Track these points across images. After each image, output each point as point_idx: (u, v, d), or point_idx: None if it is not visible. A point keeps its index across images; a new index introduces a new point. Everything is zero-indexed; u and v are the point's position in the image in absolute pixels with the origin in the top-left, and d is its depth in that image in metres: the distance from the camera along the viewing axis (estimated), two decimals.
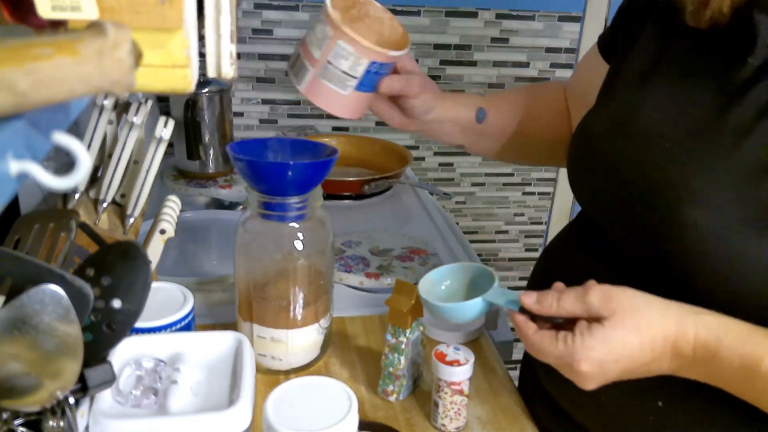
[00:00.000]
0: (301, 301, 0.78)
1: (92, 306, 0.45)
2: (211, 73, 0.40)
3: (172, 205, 0.82)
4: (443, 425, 0.73)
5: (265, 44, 1.64)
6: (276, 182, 0.73)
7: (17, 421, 0.46)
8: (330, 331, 0.84)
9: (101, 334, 0.51)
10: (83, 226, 0.61)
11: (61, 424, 0.47)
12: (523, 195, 1.92)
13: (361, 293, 1.00)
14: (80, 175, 0.28)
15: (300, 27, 1.63)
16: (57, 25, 0.31)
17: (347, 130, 1.76)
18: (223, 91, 1.38)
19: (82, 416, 0.51)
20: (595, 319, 0.55)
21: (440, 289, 0.69)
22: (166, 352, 0.63)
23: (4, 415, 0.46)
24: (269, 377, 0.79)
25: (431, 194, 1.42)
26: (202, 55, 0.40)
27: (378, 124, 1.77)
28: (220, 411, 0.56)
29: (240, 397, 0.56)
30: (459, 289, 0.69)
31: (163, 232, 0.78)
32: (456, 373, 0.70)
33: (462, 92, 0.81)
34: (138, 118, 0.79)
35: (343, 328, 0.90)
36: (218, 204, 1.31)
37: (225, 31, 0.39)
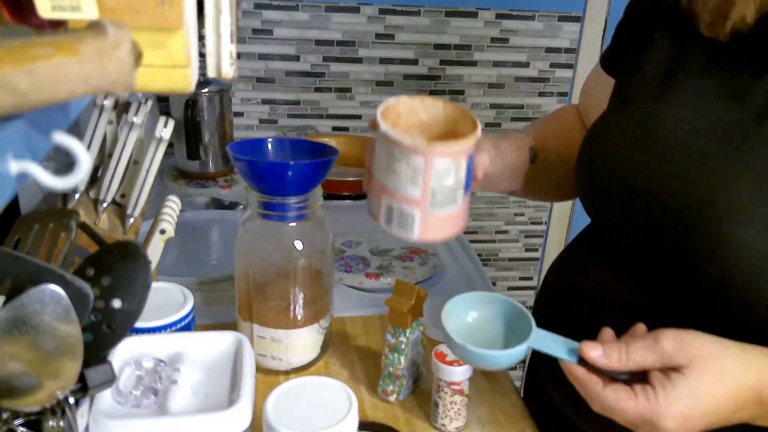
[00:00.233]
0: (301, 301, 0.78)
1: (92, 306, 0.45)
2: (211, 73, 0.40)
3: (172, 205, 0.82)
4: (443, 425, 0.73)
5: (265, 44, 1.64)
6: (276, 182, 0.73)
7: (17, 421, 0.46)
8: (330, 331, 0.84)
9: (101, 334, 0.51)
10: (83, 226, 0.61)
11: (61, 424, 0.47)
12: None
13: (361, 293, 1.00)
14: (80, 175, 0.28)
15: (300, 27, 1.63)
16: (57, 25, 0.31)
17: (347, 130, 1.76)
18: (223, 91, 1.38)
19: (82, 416, 0.51)
20: (671, 369, 0.51)
21: (466, 321, 0.60)
22: (166, 352, 0.63)
23: (4, 415, 0.46)
24: (269, 377, 0.79)
25: None
26: (202, 55, 0.40)
27: None
28: (220, 411, 0.56)
29: (240, 397, 0.56)
30: (487, 324, 0.60)
31: (163, 232, 0.78)
32: (456, 373, 0.70)
33: (506, 134, 0.74)
34: (138, 118, 0.79)
35: (343, 328, 0.90)
36: (218, 204, 1.31)
37: (225, 31, 0.39)
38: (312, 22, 1.64)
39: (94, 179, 0.83)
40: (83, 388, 0.48)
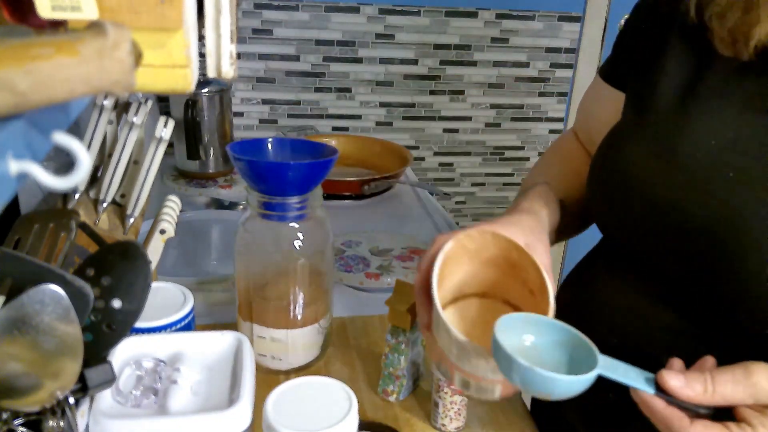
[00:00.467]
0: (301, 301, 0.78)
1: (92, 306, 0.45)
2: (211, 73, 0.40)
3: (172, 205, 0.82)
4: (443, 425, 0.73)
5: (265, 44, 1.64)
6: (276, 182, 0.73)
7: (17, 421, 0.46)
8: (330, 331, 0.84)
9: (101, 334, 0.51)
10: (83, 226, 0.61)
11: (61, 424, 0.47)
12: None
13: (361, 293, 1.00)
14: (80, 175, 0.28)
15: (300, 27, 1.63)
16: (57, 25, 0.31)
17: (347, 130, 1.76)
18: (223, 91, 1.38)
19: (82, 416, 0.51)
20: (764, 406, 0.47)
21: (522, 344, 0.54)
22: (166, 352, 0.63)
23: (4, 415, 0.46)
24: (269, 377, 0.79)
25: (431, 194, 1.42)
26: (202, 55, 0.40)
27: (378, 124, 1.77)
28: (220, 411, 0.55)
29: (240, 397, 0.56)
30: (543, 349, 0.54)
31: (163, 232, 0.78)
32: None
33: (533, 193, 0.68)
34: (138, 118, 0.79)
35: (343, 328, 0.90)
36: (218, 204, 1.31)
37: (225, 31, 0.39)
38: (312, 22, 1.64)
39: (94, 179, 0.83)
40: (83, 388, 0.48)
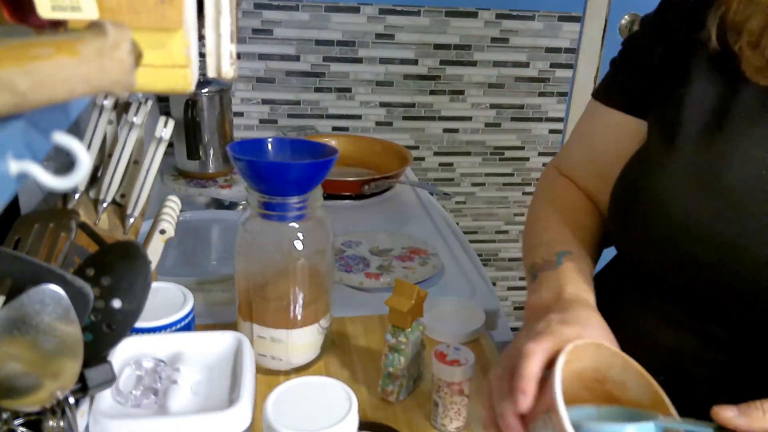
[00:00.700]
0: (301, 301, 0.78)
1: (92, 306, 0.45)
2: (211, 73, 0.40)
3: (172, 205, 0.82)
4: (443, 425, 0.73)
5: (265, 44, 1.64)
6: (276, 182, 0.73)
7: (17, 421, 0.46)
8: (330, 331, 0.84)
9: (101, 334, 0.51)
10: (83, 226, 0.61)
11: (61, 424, 0.47)
12: (523, 195, 1.92)
13: (361, 293, 1.00)
14: (80, 175, 0.28)
15: (300, 27, 1.63)
16: (57, 25, 0.31)
17: (347, 130, 1.76)
18: (223, 91, 1.38)
19: (82, 416, 0.51)
20: None
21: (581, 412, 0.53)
22: (166, 352, 0.63)
23: (4, 415, 0.46)
24: (269, 377, 0.79)
25: (431, 194, 1.42)
26: (202, 55, 0.40)
27: (378, 124, 1.77)
28: (220, 411, 0.55)
29: (240, 397, 0.56)
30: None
31: (163, 232, 0.78)
32: (456, 373, 0.70)
33: (573, 274, 0.65)
34: (138, 118, 0.79)
35: (343, 328, 0.90)
36: (218, 204, 1.31)
37: (225, 31, 0.39)
38: (312, 22, 1.64)
39: (94, 179, 0.83)
40: (83, 388, 0.48)
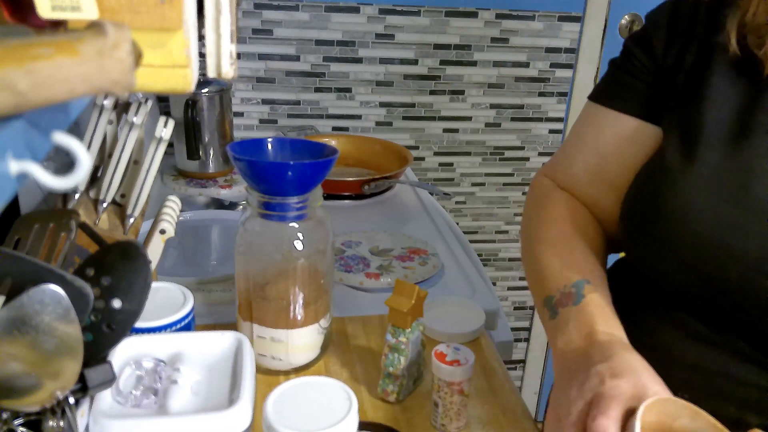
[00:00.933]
0: (301, 301, 0.78)
1: (92, 306, 0.45)
2: (211, 73, 0.40)
3: (172, 205, 0.82)
4: (443, 425, 0.73)
5: (265, 44, 1.64)
6: (276, 182, 0.73)
7: (17, 421, 0.46)
8: (330, 331, 0.84)
9: (101, 334, 0.51)
10: (83, 226, 0.61)
11: (61, 424, 0.47)
12: (523, 195, 1.92)
13: (361, 293, 1.00)
14: (80, 175, 0.28)
15: (300, 27, 1.63)
16: (57, 25, 0.31)
17: (347, 130, 1.76)
18: (223, 91, 1.38)
19: (82, 416, 0.51)
20: None
21: None
22: (166, 352, 0.63)
23: (4, 415, 0.46)
24: (269, 377, 0.79)
25: (431, 194, 1.42)
26: (202, 55, 0.40)
27: (378, 124, 1.77)
28: (220, 411, 0.55)
29: (240, 397, 0.56)
30: None
31: (163, 232, 0.78)
32: (456, 373, 0.70)
33: (599, 310, 0.62)
34: (138, 118, 0.79)
35: (343, 328, 0.90)
36: (218, 204, 1.31)
37: (225, 31, 0.39)
38: (312, 22, 1.64)
39: (94, 179, 0.83)
40: (83, 388, 0.48)
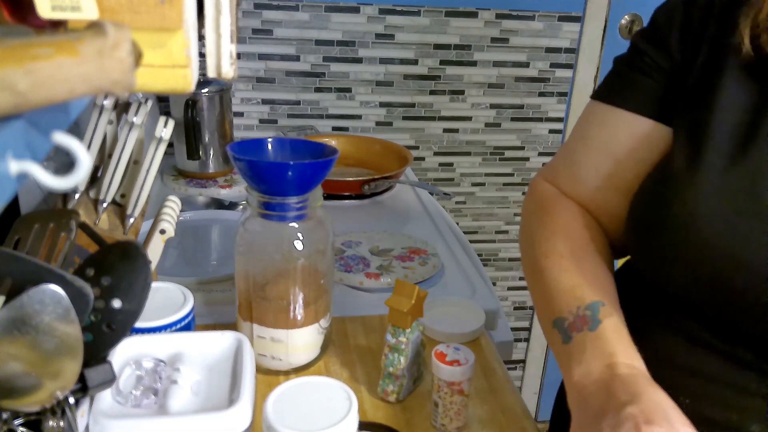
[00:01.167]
0: (301, 301, 0.78)
1: (92, 306, 0.45)
2: (211, 73, 0.40)
3: (172, 205, 0.82)
4: (443, 425, 0.73)
5: (265, 44, 1.64)
6: (276, 182, 0.73)
7: (17, 421, 0.46)
8: (330, 331, 0.84)
9: (101, 334, 0.51)
10: (83, 226, 0.61)
11: (61, 424, 0.47)
12: (523, 195, 1.92)
13: (361, 293, 1.00)
14: (80, 175, 0.28)
15: (300, 27, 1.63)
16: (57, 25, 0.31)
17: (347, 130, 1.76)
18: (223, 91, 1.38)
19: (82, 416, 0.51)
20: None
21: None
22: (166, 352, 0.63)
23: (4, 415, 0.46)
24: (269, 377, 0.79)
25: (431, 194, 1.42)
26: (202, 55, 0.40)
27: (378, 124, 1.77)
28: (220, 411, 0.55)
29: (240, 397, 0.56)
30: None
31: (163, 232, 0.78)
32: (456, 373, 0.70)
33: (618, 340, 0.58)
34: (138, 118, 0.79)
35: (343, 328, 0.90)
36: (218, 204, 1.31)
37: (225, 31, 0.39)
38: (312, 22, 1.64)
39: (94, 179, 0.83)
40: (83, 388, 0.48)
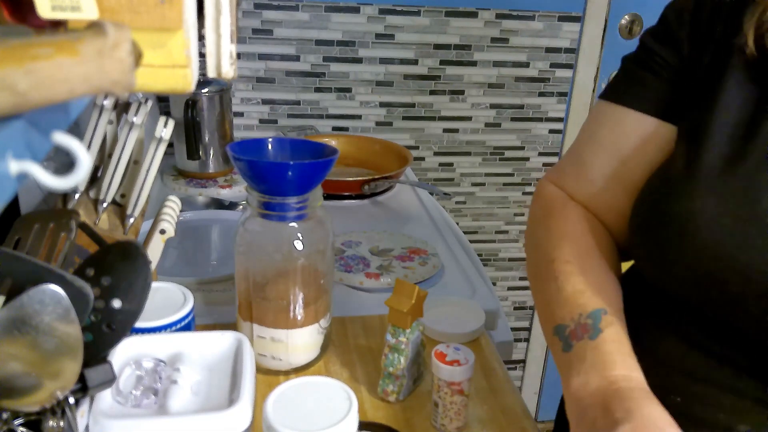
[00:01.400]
0: (301, 301, 0.78)
1: (92, 306, 0.45)
2: (211, 73, 0.40)
3: (172, 205, 0.82)
4: (443, 425, 0.73)
5: (265, 44, 1.64)
6: (276, 182, 0.73)
7: (17, 421, 0.46)
8: (330, 331, 0.84)
9: (101, 334, 0.51)
10: (83, 226, 0.61)
11: (61, 424, 0.47)
12: (523, 195, 1.92)
13: (361, 293, 1.00)
14: (80, 175, 0.28)
15: (300, 27, 1.63)
16: (57, 25, 0.31)
17: (347, 130, 1.76)
18: (223, 91, 1.38)
19: (82, 416, 0.51)
20: None
21: None
22: (166, 352, 0.63)
23: (4, 415, 0.46)
24: (269, 377, 0.79)
25: (431, 194, 1.42)
26: (202, 55, 0.40)
27: (378, 124, 1.77)
28: (220, 411, 0.55)
29: (240, 397, 0.56)
30: None
31: (163, 232, 0.78)
32: (456, 373, 0.70)
33: (618, 348, 0.58)
34: (138, 118, 0.79)
35: (343, 328, 0.90)
36: (218, 204, 1.31)
37: (225, 31, 0.39)
38: (312, 22, 1.64)
39: (94, 179, 0.83)
40: (83, 388, 0.48)
